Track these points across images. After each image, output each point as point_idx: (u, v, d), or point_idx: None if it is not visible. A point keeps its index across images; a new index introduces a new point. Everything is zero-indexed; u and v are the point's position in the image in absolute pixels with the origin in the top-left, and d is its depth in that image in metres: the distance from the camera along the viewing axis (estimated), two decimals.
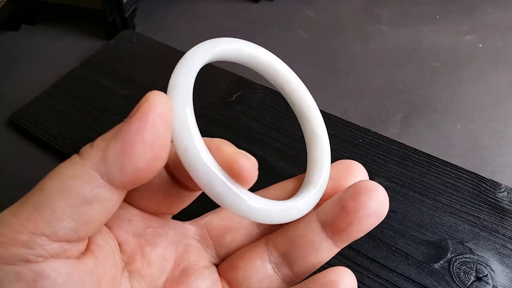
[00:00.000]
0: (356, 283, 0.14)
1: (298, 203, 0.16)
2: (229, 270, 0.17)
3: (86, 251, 0.13)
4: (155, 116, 0.12)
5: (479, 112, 0.33)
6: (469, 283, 0.22)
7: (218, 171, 0.13)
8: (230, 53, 0.16)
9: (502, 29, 0.40)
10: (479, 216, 0.25)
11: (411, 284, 0.22)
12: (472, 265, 0.23)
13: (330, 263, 0.16)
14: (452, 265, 0.23)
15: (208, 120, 0.32)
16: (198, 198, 0.17)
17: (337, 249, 0.16)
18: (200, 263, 0.17)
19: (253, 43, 0.17)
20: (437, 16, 0.43)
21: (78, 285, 0.12)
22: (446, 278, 0.22)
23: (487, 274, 0.23)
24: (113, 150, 0.12)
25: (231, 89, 0.34)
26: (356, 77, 0.37)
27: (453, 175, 0.27)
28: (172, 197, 0.16)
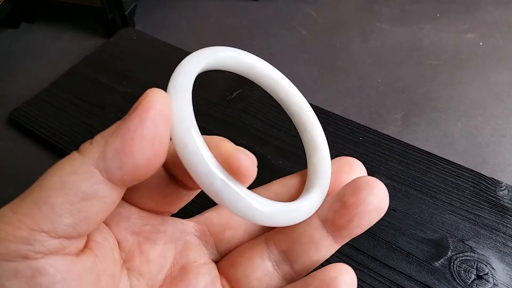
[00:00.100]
0: (356, 280, 0.14)
1: (301, 205, 0.15)
2: (229, 268, 0.17)
3: (85, 248, 0.13)
4: (155, 113, 0.12)
5: (480, 110, 0.33)
6: (470, 281, 0.22)
7: (217, 169, 0.13)
8: (228, 62, 0.16)
9: (503, 28, 0.40)
10: (480, 214, 0.25)
11: (412, 282, 0.22)
12: (473, 263, 0.23)
13: (330, 261, 0.16)
14: (453, 263, 0.23)
15: (208, 118, 0.32)
16: (197, 197, 0.17)
17: (337, 246, 0.16)
18: (200, 260, 0.17)
19: (251, 53, 0.17)
20: (438, 15, 0.42)
21: (77, 282, 0.12)
22: (447, 276, 0.22)
23: (488, 272, 0.23)
24: (112, 147, 0.12)
25: (231, 87, 0.34)
26: (357, 75, 0.37)
27: (454, 173, 0.27)
28: (170, 196, 0.16)
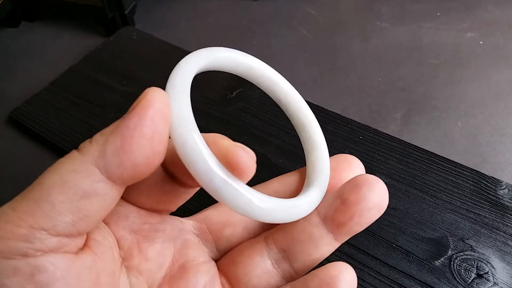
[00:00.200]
0: (356, 279, 0.14)
1: (301, 202, 0.15)
2: (229, 266, 0.17)
3: (85, 247, 0.13)
4: (154, 111, 0.12)
5: (480, 109, 0.33)
6: (470, 280, 0.22)
7: (216, 166, 0.13)
8: (225, 63, 0.17)
9: (503, 27, 0.40)
10: (480, 213, 0.25)
11: (412, 281, 0.22)
12: (473, 262, 0.23)
13: (330, 260, 0.16)
14: (453, 262, 0.23)
15: (208, 117, 0.32)
16: (196, 195, 0.17)
17: (338, 244, 0.16)
18: (199, 259, 0.17)
19: (249, 54, 0.17)
20: (438, 13, 0.42)
21: (76, 280, 0.12)
22: (447, 275, 0.22)
23: (488, 271, 0.23)
24: (112, 145, 0.12)
25: (231, 86, 0.34)
26: (357, 75, 0.37)
27: (454, 172, 0.27)
28: (169, 194, 0.16)
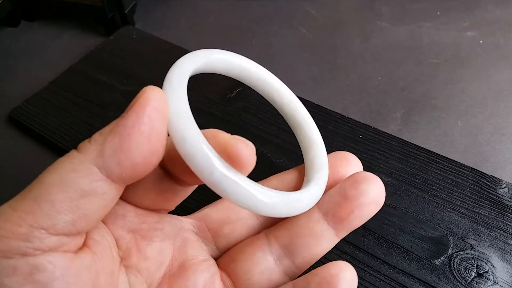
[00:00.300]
0: (357, 278, 0.14)
1: (303, 196, 0.15)
2: (230, 263, 0.17)
3: (84, 246, 0.13)
4: (151, 109, 0.12)
5: (480, 109, 0.33)
6: (470, 279, 0.22)
7: (217, 159, 0.13)
8: (220, 64, 0.17)
9: (503, 26, 0.40)
10: (480, 212, 0.25)
11: (412, 280, 0.22)
12: (473, 261, 0.23)
13: (330, 259, 0.16)
14: (453, 261, 0.23)
15: (208, 116, 0.32)
16: (195, 193, 0.17)
17: (337, 240, 0.16)
18: (198, 257, 0.17)
19: (243, 56, 0.17)
20: (438, 13, 0.42)
21: (75, 279, 0.12)
22: (447, 274, 0.22)
23: (488, 270, 0.22)
24: (110, 144, 0.12)
25: (231, 85, 0.34)
26: (357, 74, 0.37)
27: (454, 171, 0.27)
28: (166, 193, 0.16)
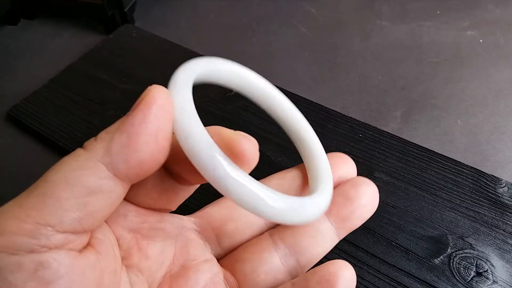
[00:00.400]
0: (355, 276, 0.15)
1: (310, 207, 0.15)
2: (235, 263, 0.17)
3: (87, 245, 0.13)
4: (157, 108, 0.12)
5: (480, 108, 0.33)
6: (469, 278, 0.22)
7: (221, 156, 0.13)
8: (224, 74, 0.17)
9: (503, 26, 0.40)
10: (480, 211, 0.25)
11: (411, 279, 0.22)
12: (472, 260, 0.23)
13: (330, 258, 0.16)
14: (452, 260, 0.23)
15: (208, 115, 0.32)
16: (196, 193, 0.17)
17: (338, 239, 0.17)
18: (200, 257, 0.17)
19: (246, 67, 0.17)
20: (438, 12, 0.42)
21: (80, 277, 0.12)
22: (446, 273, 0.22)
23: (487, 270, 0.22)
24: (118, 142, 0.12)
25: None
26: (357, 73, 0.37)
27: (454, 170, 0.27)
28: (168, 192, 0.16)
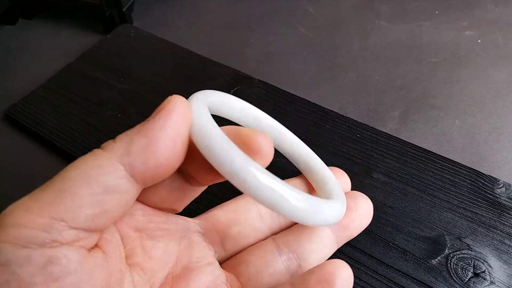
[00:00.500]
0: (352, 276, 0.15)
1: (336, 204, 0.16)
2: (239, 265, 0.17)
3: (95, 246, 0.13)
4: (177, 115, 0.13)
5: (478, 108, 0.33)
6: (467, 279, 0.22)
7: (239, 152, 0.13)
8: (235, 110, 0.18)
9: (502, 25, 0.40)
10: (477, 212, 0.25)
11: (409, 280, 0.22)
12: (470, 261, 0.23)
13: (327, 258, 0.16)
14: (450, 261, 0.23)
15: None
16: (202, 197, 0.17)
17: (337, 247, 0.19)
18: (203, 260, 0.17)
19: (258, 108, 0.19)
20: (436, 12, 0.42)
21: (89, 276, 0.12)
22: (444, 274, 0.22)
23: (485, 270, 0.22)
24: (138, 144, 0.13)
25: (229, 84, 0.34)
26: (355, 73, 0.37)
27: (451, 171, 0.27)
28: (177, 191, 0.16)
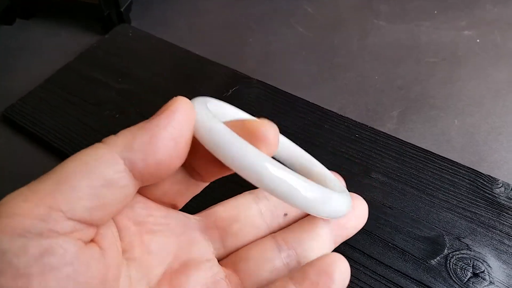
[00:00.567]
0: (349, 268, 0.15)
1: (344, 196, 0.16)
2: (239, 261, 0.17)
3: (92, 241, 0.13)
4: (181, 116, 0.13)
5: (477, 108, 0.33)
6: (466, 279, 0.22)
7: (246, 142, 0.13)
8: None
9: (501, 25, 0.40)
10: (476, 212, 0.25)
11: (408, 281, 0.22)
12: (469, 261, 0.23)
13: None
14: (449, 261, 0.23)
15: None
16: (200, 196, 0.17)
17: (334, 246, 0.19)
18: (202, 256, 0.17)
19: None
20: (435, 12, 0.42)
21: (86, 268, 0.12)
22: (443, 274, 0.22)
23: (484, 270, 0.22)
24: (140, 140, 0.13)
25: (227, 84, 0.34)
26: (354, 73, 0.37)
27: (450, 171, 0.27)
28: (179, 184, 0.16)
